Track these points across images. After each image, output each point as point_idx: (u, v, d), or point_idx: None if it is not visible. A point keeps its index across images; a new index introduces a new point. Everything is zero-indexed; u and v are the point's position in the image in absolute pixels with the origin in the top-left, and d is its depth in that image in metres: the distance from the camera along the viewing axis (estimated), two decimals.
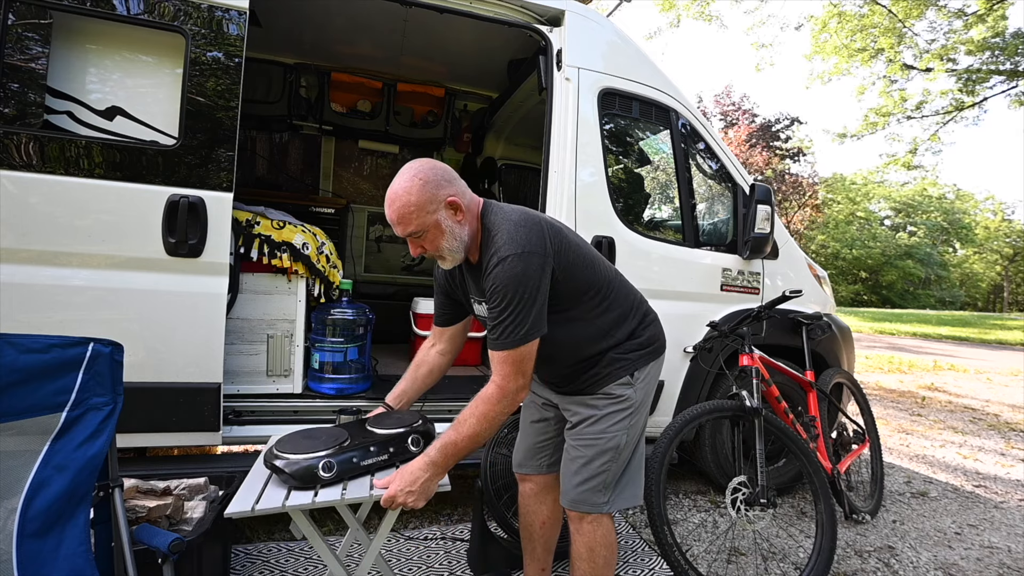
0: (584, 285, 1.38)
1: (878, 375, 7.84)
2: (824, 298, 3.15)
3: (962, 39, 12.45)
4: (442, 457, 1.29)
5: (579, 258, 1.37)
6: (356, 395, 2.41)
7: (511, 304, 1.23)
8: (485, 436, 1.31)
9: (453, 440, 1.29)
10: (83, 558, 1.06)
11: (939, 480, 3.46)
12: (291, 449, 1.41)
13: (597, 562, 1.42)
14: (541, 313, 1.27)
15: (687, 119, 2.75)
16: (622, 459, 1.43)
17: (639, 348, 1.45)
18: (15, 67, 1.77)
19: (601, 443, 1.40)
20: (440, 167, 1.32)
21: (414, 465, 1.30)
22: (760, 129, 21.77)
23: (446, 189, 1.29)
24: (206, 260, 1.92)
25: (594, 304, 1.40)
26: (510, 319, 1.23)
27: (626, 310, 1.46)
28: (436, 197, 1.27)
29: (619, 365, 1.42)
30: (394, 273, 4.46)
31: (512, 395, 1.28)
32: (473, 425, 1.29)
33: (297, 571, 1.93)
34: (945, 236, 40.64)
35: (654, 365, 1.49)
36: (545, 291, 1.27)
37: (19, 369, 1.06)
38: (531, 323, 1.24)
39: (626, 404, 1.42)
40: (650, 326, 1.51)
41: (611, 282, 1.45)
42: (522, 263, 1.22)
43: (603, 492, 1.41)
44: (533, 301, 1.24)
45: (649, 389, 1.48)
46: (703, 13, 12.31)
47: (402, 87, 3.93)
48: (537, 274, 1.24)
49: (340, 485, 1.39)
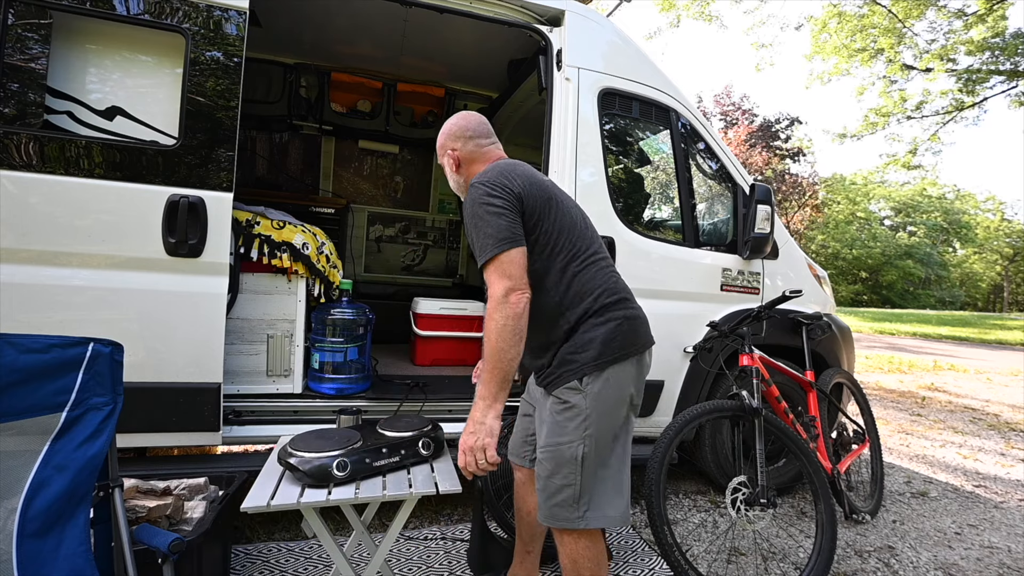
0: (552, 238, 1.40)
1: (878, 375, 7.84)
2: (824, 298, 3.15)
3: (962, 39, 12.45)
4: (484, 387, 1.30)
5: (547, 211, 1.41)
6: (356, 395, 2.41)
7: (476, 220, 1.35)
8: (508, 348, 1.27)
9: (485, 369, 1.30)
10: (83, 558, 1.06)
11: (939, 480, 3.46)
12: (305, 448, 1.44)
13: (582, 574, 1.39)
14: (510, 227, 1.32)
15: (687, 119, 2.75)
16: (589, 472, 1.35)
17: (589, 349, 1.36)
18: (15, 67, 1.77)
19: (559, 454, 1.36)
20: (461, 125, 1.58)
21: (470, 415, 1.31)
22: (760, 129, 21.76)
23: (452, 143, 1.58)
24: (206, 260, 1.92)
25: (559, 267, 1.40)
26: (479, 233, 1.33)
27: (586, 292, 1.40)
28: (444, 146, 1.60)
29: (568, 367, 1.38)
30: (394, 273, 4.46)
31: (502, 299, 1.28)
32: (490, 343, 1.29)
33: (297, 571, 1.93)
34: (945, 236, 40.66)
35: (615, 371, 1.37)
36: (507, 209, 1.34)
37: (19, 369, 1.06)
38: (497, 231, 1.31)
39: (575, 412, 1.35)
40: (612, 323, 1.39)
41: (581, 254, 1.43)
42: (482, 188, 1.37)
43: (573, 507, 1.35)
44: (496, 215, 1.33)
45: (608, 397, 1.36)
46: (703, 13, 12.32)
47: (402, 87, 3.93)
48: (497, 194, 1.35)
49: (353, 485, 1.40)
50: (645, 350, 1.47)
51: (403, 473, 1.52)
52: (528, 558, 1.80)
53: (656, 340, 2.58)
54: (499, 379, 1.28)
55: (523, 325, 1.29)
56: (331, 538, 1.39)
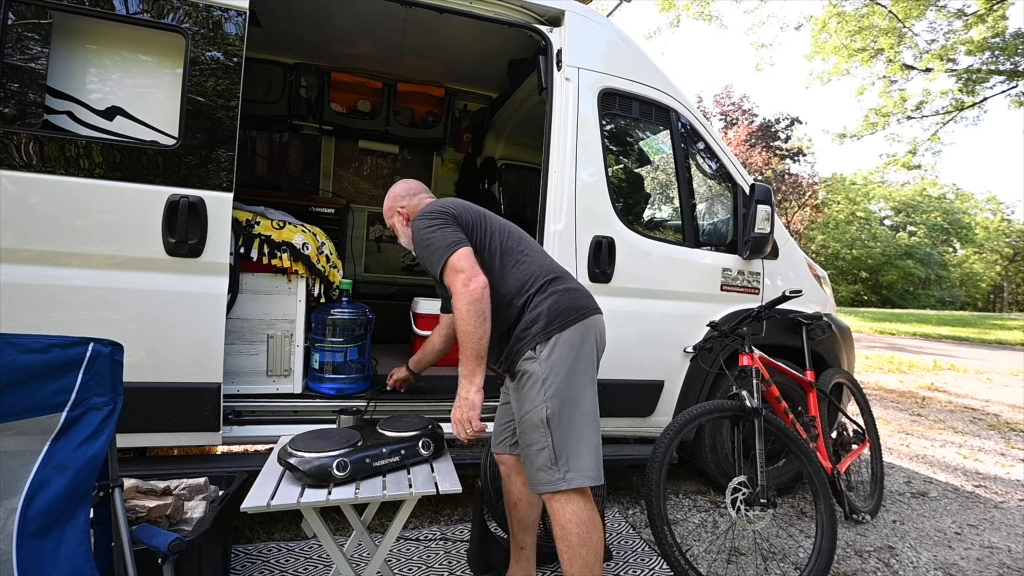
0: (488, 241, 1.61)
1: (878, 375, 7.84)
2: (824, 298, 3.15)
3: (962, 39, 12.45)
4: (463, 367, 1.48)
5: (480, 221, 1.63)
6: (356, 395, 2.40)
7: (424, 244, 1.54)
8: (475, 329, 1.44)
9: (461, 351, 1.48)
10: (83, 558, 1.06)
11: (939, 480, 3.46)
12: (305, 448, 1.44)
13: (571, 540, 1.45)
14: (452, 235, 1.52)
15: (687, 119, 2.75)
16: (560, 432, 1.46)
17: (537, 322, 1.52)
18: (15, 67, 1.77)
19: (528, 421, 1.50)
20: (404, 188, 1.86)
21: (458, 392, 1.50)
22: (760, 129, 21.77)
23: (399, 203, 1.83)
24: (206, 260, 1.92)
25: (498, 265, 1.59)
26: (429, 252, 1.52)
27: (525, 279, 1.57)
28: (391, 208, 1.84)
29: (522, 343, 1.54)
30: (394, 273, 4.46)
31: (462, 288, 1.44)
32: (460, 329, 1.46)
33: (297, 571, 1.93)
34: (945, 236, 40.66)
35: (563, 335, 1.51)
36: (445, 224, 1.55)
37: (19, 369, 1.06)
38: (442, 241, 1.50)
39: (533, 379, 1.50)
40: (551, 296, 1.55)
41: (514, 252, 1.62)
42: (422, 217, 1.59)
43: (551, 469, 1.46)
44: (437, 230, 1.53)
45: (561, 358, 1.49)
46: (703, 13, 12.32)
47: (402, 87, 3.93)
48: (434, 217, 1.56)
49: (353, 485, 1.41)
50: (588, 316, 1.58)
51: (403, 473, 1.53)
52: (523, 555, 1.82)
53: (656, 340, 2.63)
54: (473, 358, 1.46)
55: (485, 307, 1.45)
56: (331, 538, 1.39)
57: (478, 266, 1.49)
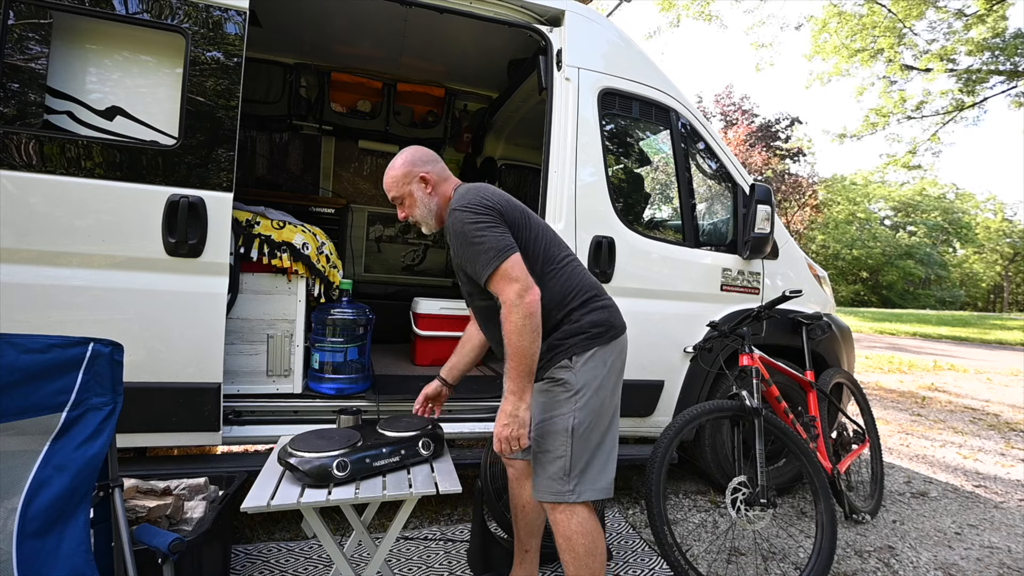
0: (532, 245, 1.51)
1: (878, 375, 7.84)
2: (824, 298, 3.15)
3: (962, 39, 12.45)
4: (512, 383, 1.39)
5: (525, 222, 1.53)
6: (356, 395, 2.41)
7: (469, 240, 1.41)
8: (529, 344, 1.37)
9: (511, 367, 1.39)
10: (83, 558, 1.06)
11: (939, 480, 3.46)
12: (305, 448, 1.44)
13: (577, 551, 1.44)
14: (503, 238, 1.41)
15: (687, 119, 2.75)
16: (580, 444, 1.44)
17: (579, 333, 1.49)
18: (15, 67, 1.77)
19: (551, 426, 1.47)
20: (423, 152, 1.62)
21: (501, 408, 1.42)
22: (760, 129, 21.76)
23: (421, 168, 1.58)
24: (206, 260, 1.92)
25: (539, 272, 1.49)
26: (475, 251, 1.40)
27: (567, 291, 1.52)
28: (412, 172, 1.57)
29: (558, 351, 1.49)
30: (394, 273, 4.46)
31: (517, 300, 1.36)
32: (512, 343, 1.37)
33: (297, 571, 1.93)
34: (945, 236, 40.63)
35: (600, 351, 1.50)
36: (495, 224, 1.42)
37: (19, 369, 1.06)
38: (494, 244, 1.39)
39: (566, 388, 1.47)
40: (593, 312, 1.52)
41: (555, 260, 1.55)
42: (466, 209, 1.43)
43: (565, 480, 1.44)
44: (487, 229, 1.40)
45: (596, 373, 1.48)
46: (703, 13, 12.32)
47: (402, 87, 3.93)
48: (482, 212, 1.42)
49: (353, 485, 1.41)
50: (622, 334, 1.59)
51: (403, 473, 1.53)
52: (527, 557, 1.81)
53: (656, 340, 2.63)
54: (524, 374, 1.38)
55: (538, 321, 1.39)
56: (331, 538, 1.39)
57: (531, 276, 1.41)
